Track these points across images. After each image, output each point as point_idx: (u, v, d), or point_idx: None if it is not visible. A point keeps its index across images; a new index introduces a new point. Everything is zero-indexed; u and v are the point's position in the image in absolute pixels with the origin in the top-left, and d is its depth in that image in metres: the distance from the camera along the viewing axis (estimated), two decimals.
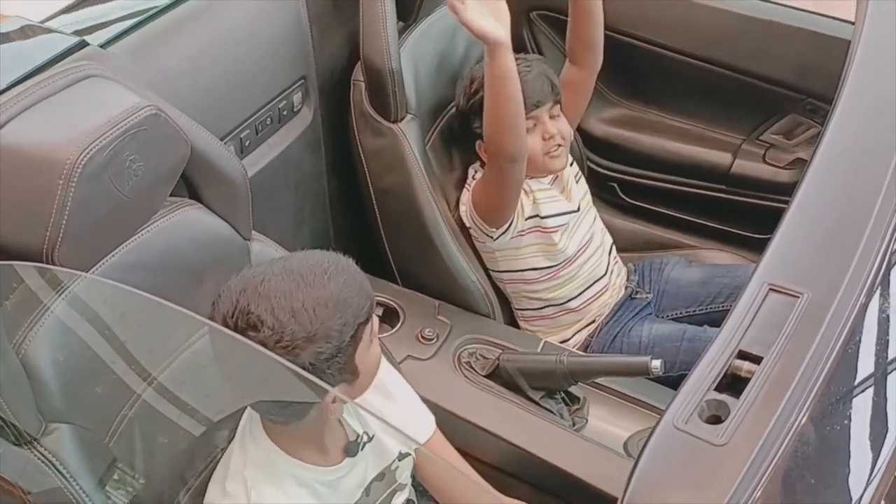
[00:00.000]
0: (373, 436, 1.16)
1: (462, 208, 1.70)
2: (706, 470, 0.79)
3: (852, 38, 1.25)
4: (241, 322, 0.98)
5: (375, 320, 1.08)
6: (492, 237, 1.68)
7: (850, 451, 0.88)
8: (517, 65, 1.62)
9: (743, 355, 0.86)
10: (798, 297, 0.89)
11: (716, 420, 0.82)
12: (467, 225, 1.71)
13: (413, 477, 1.25)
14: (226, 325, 0.99)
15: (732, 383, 0.85)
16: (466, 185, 1.73)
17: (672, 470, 0.80)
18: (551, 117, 1.67)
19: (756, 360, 0.85)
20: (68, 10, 1.42)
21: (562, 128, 1.68)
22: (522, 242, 1.70)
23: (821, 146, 1.09)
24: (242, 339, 0.96)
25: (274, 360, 0.93)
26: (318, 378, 0.96)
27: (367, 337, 1.04)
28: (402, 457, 1.20)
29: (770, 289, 0.91)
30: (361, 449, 1.15)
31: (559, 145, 1.67)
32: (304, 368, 0.96)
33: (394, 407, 1.20)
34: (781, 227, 0.98)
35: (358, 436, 1.15)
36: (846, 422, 0.88)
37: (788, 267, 0.95)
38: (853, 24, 1.31)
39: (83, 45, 1.23)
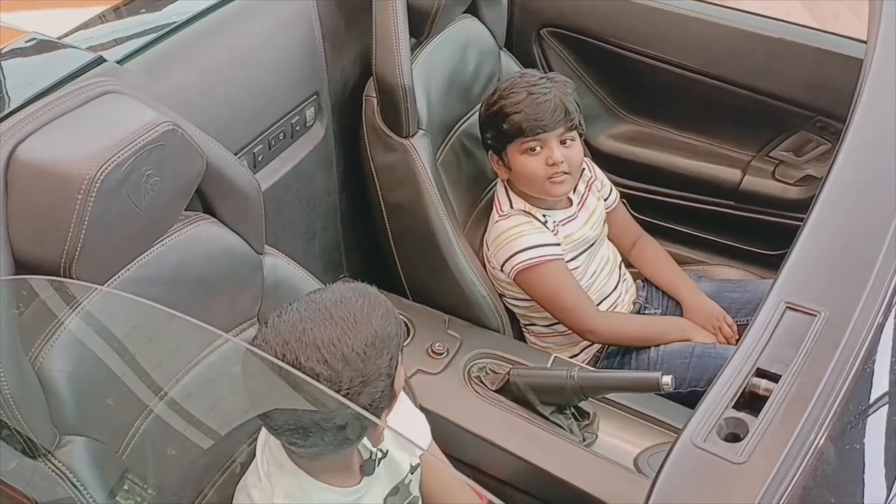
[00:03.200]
0: (387, 451, 1.17)
1: (489, 241, 1.69)
2: (725, 488, 0.79)
3: (865, 56, 1.25)
4: None
5: None
6: (508, 275, 1.67)
7: (869, 470, 0.88)
8: (538, 83, 1.62)
9: (761, 373, 0.86)
10: (815, 316, 0.89)
11: (734, 438, 0.82)
12: (487, 258, 1.70)
13: None
14: None
15: (751, 401, 0.85)
16: (496, 207, 1.70)
17: (691, 488, 0.80)
18: (561, 142, 1.63)
19: (774, 378, 0.85)
20: (85, 26, 1.42)
21: (571, 155, 1.63)
22: None
23: (835, 164, 1.08)
24: (308, 379, 0.94)
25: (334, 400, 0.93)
26: (371, 414, 0.98)
27: (401, 360, 1.04)
28: (413, 469, 1.21)
29: (787, 307, 0.91)
30: (377, 465, 1.15)
31: (565, 173, 1.63)
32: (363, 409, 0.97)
33: (399, 419, 1.19)
34: (797, 245, 0.98)
35: (371, 453, 1.15)
36: (865, 440, 0.88)
37: (805, 285, 0.95)
38: (862, 41, 1.31)
39: (100, 61, 1.24)
